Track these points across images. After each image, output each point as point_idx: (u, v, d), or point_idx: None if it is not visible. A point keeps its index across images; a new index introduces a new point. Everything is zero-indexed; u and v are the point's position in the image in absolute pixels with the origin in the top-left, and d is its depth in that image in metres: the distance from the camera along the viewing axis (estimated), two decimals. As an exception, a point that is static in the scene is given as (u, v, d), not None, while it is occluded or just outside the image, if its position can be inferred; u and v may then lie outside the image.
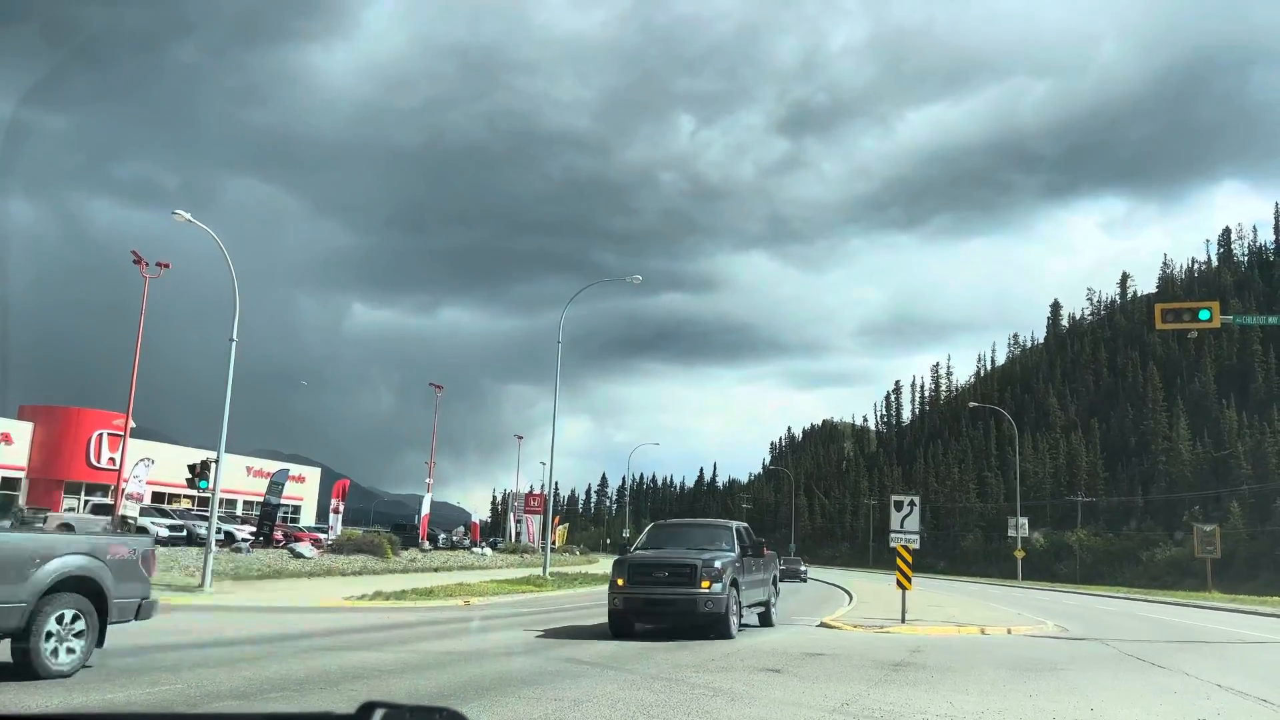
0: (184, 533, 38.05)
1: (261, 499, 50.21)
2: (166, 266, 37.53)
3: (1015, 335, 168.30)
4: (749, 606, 18.43)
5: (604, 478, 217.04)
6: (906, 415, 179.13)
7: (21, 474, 53.58)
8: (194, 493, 40.17)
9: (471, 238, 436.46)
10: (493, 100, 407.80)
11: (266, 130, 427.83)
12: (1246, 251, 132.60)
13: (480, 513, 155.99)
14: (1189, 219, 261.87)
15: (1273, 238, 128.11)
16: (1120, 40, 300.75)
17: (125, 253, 37.42)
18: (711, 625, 16.25)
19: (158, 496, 51.06)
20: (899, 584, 22.48)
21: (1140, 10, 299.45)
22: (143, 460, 38.29)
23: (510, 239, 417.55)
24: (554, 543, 64.28)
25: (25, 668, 9.45)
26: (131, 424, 39.72)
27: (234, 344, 26.00)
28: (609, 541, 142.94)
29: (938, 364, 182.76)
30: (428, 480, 62.69)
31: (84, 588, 9.99)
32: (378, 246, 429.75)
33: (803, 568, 63.61)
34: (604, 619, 17.38)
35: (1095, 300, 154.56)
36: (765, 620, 20.27)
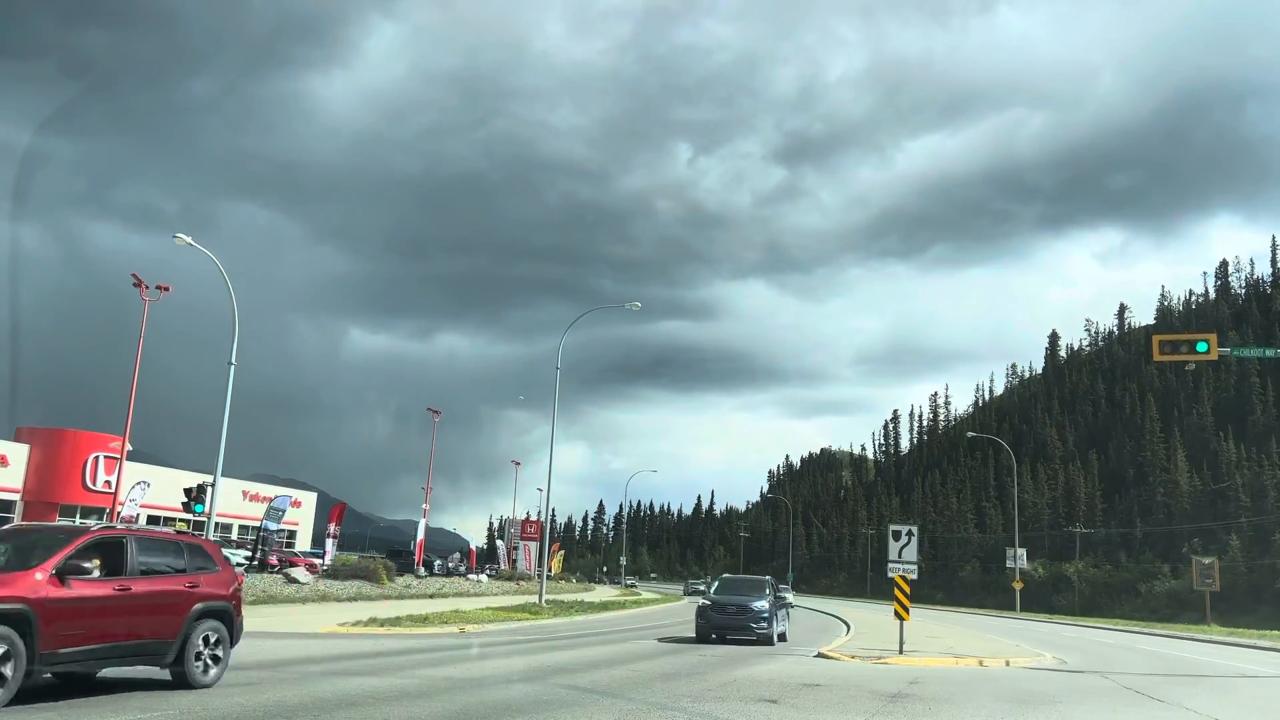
0: (178, 557, 37.82)
1: (257, 523, 50.02)
2: (166, 290, 37.59)
3: (1013, 365, 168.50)
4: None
5: (601, 505, 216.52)
6: (905, 444, 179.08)
7: (17, 496, 53.38)
8: (189, 516, 40.00)
9: (469, 264, 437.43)
10: (491, 128, 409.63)
11: (266, 157, 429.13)
12: (1244, 284, 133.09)
13: (477, 539, 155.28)
14: (1184, 251, 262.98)
15: (1269, 270, 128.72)
16: (1117, 74, 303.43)
17: (124, 276, 37.50)
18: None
19: (153, 520, 50.78)
20: (897, 614, 22.38)
21: (1138, 45, 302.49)
22: (139, 483, 38.20)
23: (508, 265, 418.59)
24: (550, 570, 63.99)
25: None
26: (128, 447, 39.64)
27: (232, 368, 26.04)
28: (605, 569, 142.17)
29: (936, 393, 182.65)
30: (424, 506, 62.50)
31: None
32: (375, 272, 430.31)
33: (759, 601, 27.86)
34: (601, 646, 17.43)
35: (1093, 331, 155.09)
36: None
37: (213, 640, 11.60)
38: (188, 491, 30.46)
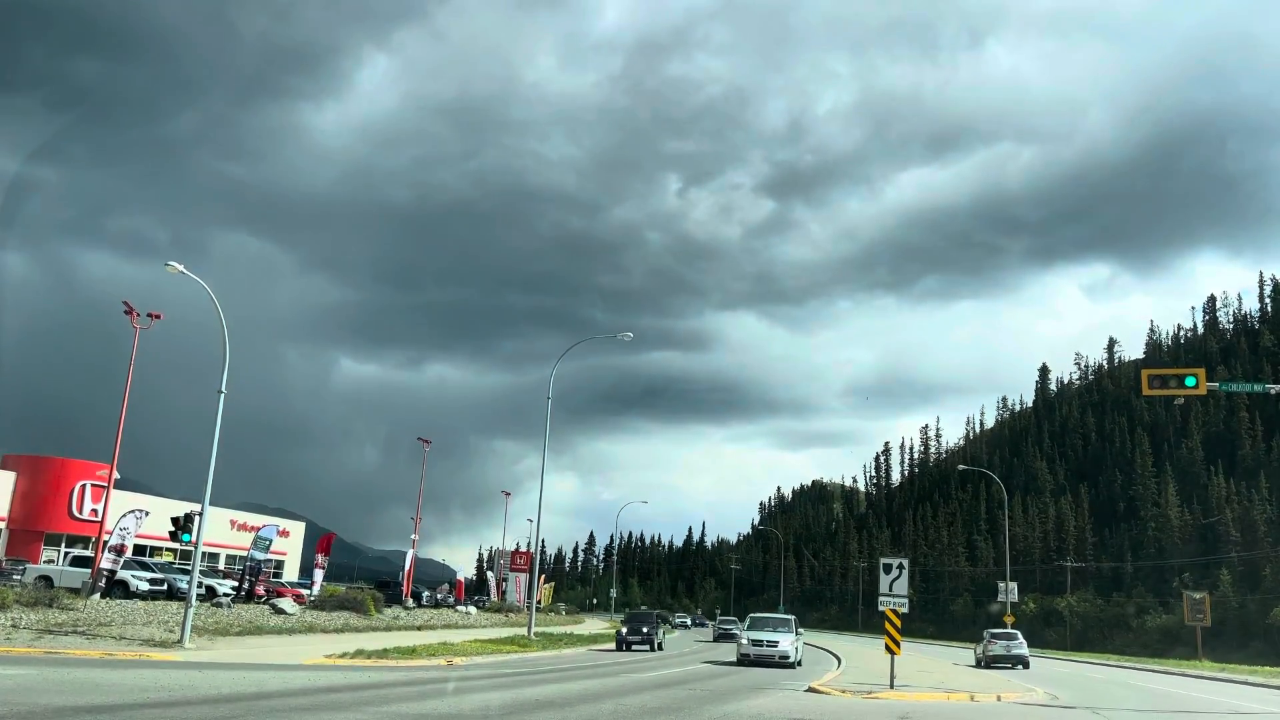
0: (165, 586, 37.42)
1: (245, 552, 49.62)
2: (158, 317, 37.52)
3: (1004, 398, 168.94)
4: None
5: (591, 536, 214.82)
6: (896, 477, 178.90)
7: (2, 524, 52.90)
8: (176, 545, 39.68)
9: (459, 294, 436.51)
10: (483, 158, 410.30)
11: (258, 186, 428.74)
12: (1231, 319, 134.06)
13: (466, 570, 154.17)
14: (1171, 285, 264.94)
15: (1257, 306, 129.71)
16: (1105, 109, 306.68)
17: (113, 304, 37.45)
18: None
19: (139, 549, 50.31)
20: (888, 648, 22.29)
21: (1125, 80, 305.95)
22: (133, 512, 37.59)
23: (498, 295, 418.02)
24: (540, 602, 63.55)
25: None
26: (115, 475, 39.36)
27: (222, 396, 25.95)
28: (595, 601, 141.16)
29: (926, 426, 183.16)
30: (413, 536, 62.04)
31: None
32: (365, 302, 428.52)
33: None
34: (585, 680, 17.31)
35: (1083, 365, 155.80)
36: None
37: None
38: (175, 521, 30.25)
